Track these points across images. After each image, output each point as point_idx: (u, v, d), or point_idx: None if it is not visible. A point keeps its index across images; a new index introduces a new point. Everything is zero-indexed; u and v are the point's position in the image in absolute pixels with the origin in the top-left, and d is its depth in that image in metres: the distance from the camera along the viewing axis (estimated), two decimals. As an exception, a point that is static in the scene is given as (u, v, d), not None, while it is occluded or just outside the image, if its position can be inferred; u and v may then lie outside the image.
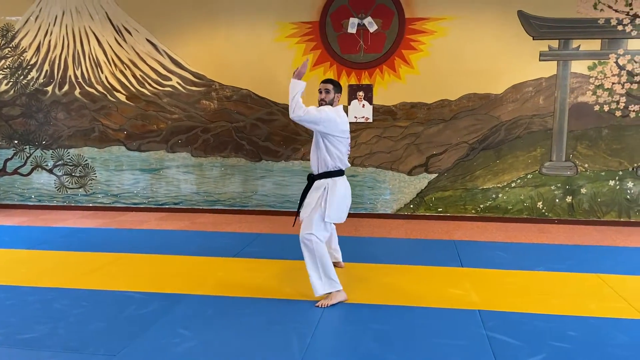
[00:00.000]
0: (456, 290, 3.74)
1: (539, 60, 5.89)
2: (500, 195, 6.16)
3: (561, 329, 3.03)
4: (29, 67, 6.87)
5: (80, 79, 6.83)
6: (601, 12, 5.70)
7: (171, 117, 6.71)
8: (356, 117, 6.23)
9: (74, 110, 6.91)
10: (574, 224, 6.00)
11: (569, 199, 6.03)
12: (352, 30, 6.13)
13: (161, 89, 6.69)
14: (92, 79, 6.81)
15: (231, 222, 6.17)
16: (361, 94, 6.20)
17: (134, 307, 3.42)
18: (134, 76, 6.72)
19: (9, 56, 6.88)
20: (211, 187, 6.75)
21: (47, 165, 7.08)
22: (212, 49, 6.50)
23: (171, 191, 6.85)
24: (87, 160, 7.00)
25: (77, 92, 6.86)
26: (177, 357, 2.73)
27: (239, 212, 6.68)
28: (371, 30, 6.10)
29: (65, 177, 7.07)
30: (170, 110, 6.69)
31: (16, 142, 7.06)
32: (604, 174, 5.95)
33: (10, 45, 6.87)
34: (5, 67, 6.91)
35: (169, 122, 6.72)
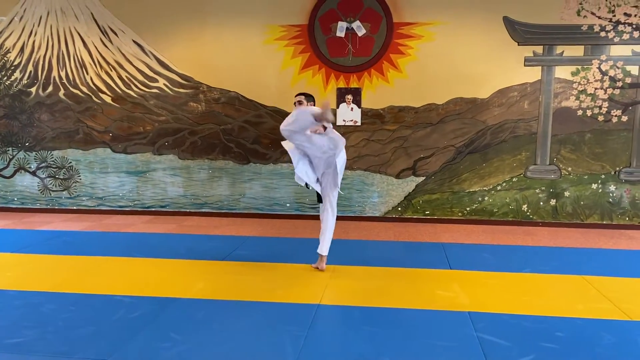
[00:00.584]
0: (445, 292, 3.77)
1: (524, 65, 5.99)
2: (486, 198, 6.23)
3: (549, 330, 3.08)
4: (12, 67, 6.76)
5: (64, 80, 6.74)
6: (584, 18, 5.82)
7: (158, 119, 6.66)
8: (344, 120, 6.26)
9: (58, 111, 6.82)
10: (557, 227, 6.09)
11: (553, 202, 6.13)
12: (340, 33, 6.16)
13: (148, 90, 6.63)
14: (77, 80, 6.73)
15: (219, 225, 6.14)
16: (350, 97, 6.23)
17: (122, 311, 3.38)
18: (120, 77, 6.66)
19: (-9, 56, 6.79)
20: (199, 190, 6.71)
21: (30, 167, 6.98)
22: (199, 51, 6.47)
23: (158, 194, 6.80)
24: (71, 162, 6.91)
25: (62, 93, 6.77)
26: (169, 361, 2.71)
27: (227, 215, 6.65)
28: (359, 34, 6.14)
29: (48, 179, 6.97)
30: (157, 112, 6.64)
31: (-2, 143, 6.95)
32: (587, 177, 6.06)
33: (-7, 45, 6.77)
34: (-13, 67, 6.80)
35: (156, 124, 6.67)
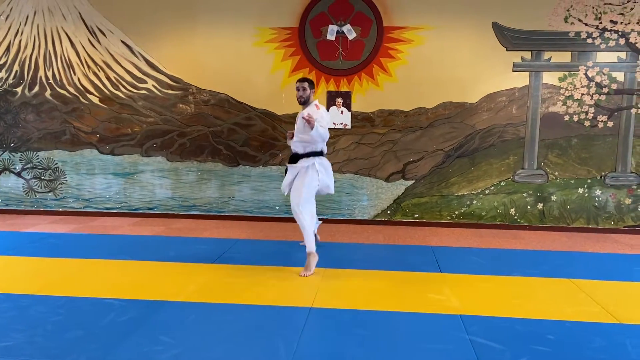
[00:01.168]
0: (436, 295, 3.79)
1: (512, 70, 6.05)
2: (474, 202, 6.28)
3: (540, 333, 3.11)
4: (-3, 66, 6.67)
5: (51, 80, 6.66)
6: (572, 25, 5.90)
7: (146, 121, 6.60)
8: (335, 124, 6.27)
9: (44, 112, 6.73)
10: (544, 230, 6.17)
11: (540, 206, 6.20)
12: (331, 37, 6.17)
13: (136, 91, 6.58)
14: (64, 81, 6.65)
15: (208, 228, 6.11)
16: (340, 100, 6.24)
17: (113, 314, 3.34)
18: (108, 78, 6.60)
19: (-24, 55, 6.67)
20: (187, 192, 6.66)
21: (15, 168, 6.87)
22: (189, 52, 6.43)
23: (145, 196, 6.74)
24: (57, 163, 6.82)
25: (48, 93, 6.68)
26: (161, 365, 2.69)
27: (216, 217, 6.61)
28: (350, 37, 6.16)
29: (34, 180, 6.87)
30: (145, 113, 6.59)
31: (-18, 144, 6.84)
32: (574, 182, 6.14)
33: (-23, 44, 6.66)
34: (-28, 66, 6.69)
35: (144, 125, 6.62)
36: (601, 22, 5.85)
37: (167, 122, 6.57)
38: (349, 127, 6.29)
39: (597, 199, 6.12)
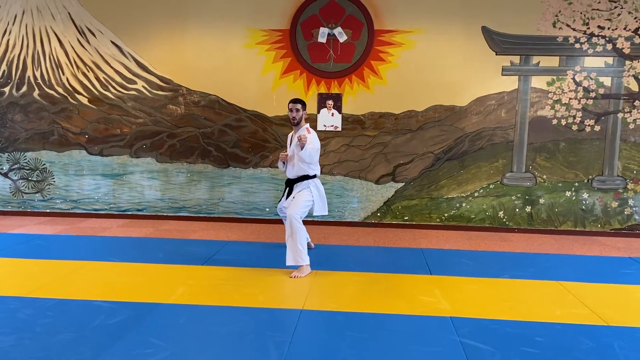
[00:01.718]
0: (427, 297, 3.81)
1: (502, 74, 6.11)
2: (463, 204, 6.32)
3: (530, 335, 3.14)
4: (-16, 66, 6.59)
5: (39, 80, 6.59)
6: (560, 30, 5.97)
7: (136, 122, 6.56)
8: (325, 126, 6.28)
9: (32, 112, 6.66)
10: (532, 233, 6.22)
11: (529, 209, 6.26)
12: (322, 39, 6.18)
13: (126, 92, 6.54)
14: (53, 81, 6.58)
15: (197, 229, 6.08)
16: (330, 102, 6.26)
17: (102, 316, 3.31)
18: (97, 79, 6.55)
19: (-38, 54, 6.59)
20: (176, 194, 6.63)
21: (2, 169, 6.78)
22: (179, 53, 6.41)
23: (134, 197, 6.69)
24: (45, 164, 6.75)
25: (36, 93, 6.62)
26: (152, 367, 2.67)
27: (205, 219, 6.59)
28: (341, 40, 6.17)
29: (21, 181, 6.79)
30: (135, 114, 6.55)
31: (-32, 144, 6.75)
32: (561, 185, 6.21)
33: (-36, 42, 6.57)
34: (-42, 65, 6.60)
35: (134, 126, 6.57)
36: (589, 28, 5.93)
37: (157, 123, 6.54)
38: (339, 129, 6.31)
39: (584, 202, 6.19)
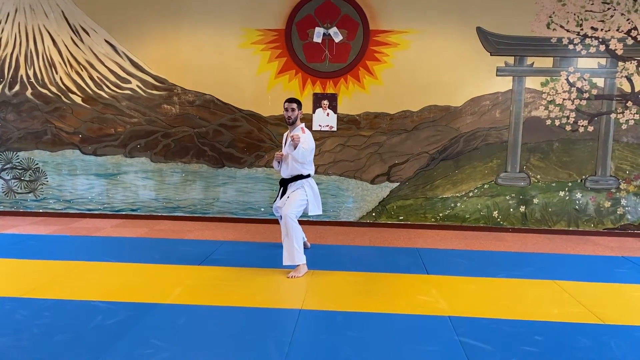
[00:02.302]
0: (424, 297, 3.82)
1: (496, 75, 6.15)
2: (458, 204, 6.35)
3: (528, 334, 3.16)
4: (-24, 64, 6.52)
5: (32, 79, 6.53)
6: (554, 31, 6.02)
7: (130, 121, 6.52)
8: (320, 126, 6.28)
9: (24, 111, 6.59)
10: (526, 233, 6.26)
11: (523, 209, 6.30)
12: (317, 39, 6.18)
13: (120, 91, 6.50)
14: (46, 80, 6.53)
15: (192, 230, 6.05)
16: (326, 102, 6.26)
17: (100, 317, 3.29)
18: (91, 78, 6.50)
19: (-47, 52, 6.51)
20: (171, 194, 6.60)
21: (-7, 168, 6.72)
22: (174, 53, 6.38)
23: (128, 197, 6.65)
24: (37, 163, 6.69)
25: (29, 92, 6.56)
26: (152, 368, 2.66)
27: (200, 219, 6.57)
28: (336, 40, 6.18)
29: (13, 181, 6.72)
30: (129, 113, 6.51)
31: (-41, 143, 6.66)
32: (555, 185, 6.25)
33: (-45, 40, 6.49)
34: (-51, 63, 6.52)
35: (128, 126, 6.53)
36: (582, 29, 5.98)
37: (151, 123, 6.50)
38: (334, 129, 6.31)
39: (577, 201, 6.24)
